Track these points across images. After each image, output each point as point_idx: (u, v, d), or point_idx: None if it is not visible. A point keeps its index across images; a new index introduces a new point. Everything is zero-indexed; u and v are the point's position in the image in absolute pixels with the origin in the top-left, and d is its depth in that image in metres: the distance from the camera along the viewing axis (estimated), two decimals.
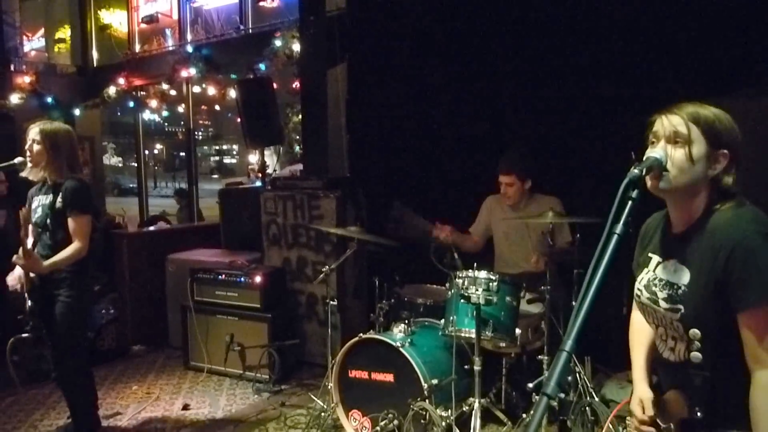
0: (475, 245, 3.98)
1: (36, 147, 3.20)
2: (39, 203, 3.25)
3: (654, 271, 1.66)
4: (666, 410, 1.69)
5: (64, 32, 10.19)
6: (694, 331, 1.53)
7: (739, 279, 1.44)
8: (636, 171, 1.45)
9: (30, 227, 3.25)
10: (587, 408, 3.16)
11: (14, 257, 3.09)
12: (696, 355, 1.54)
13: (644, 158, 1.53)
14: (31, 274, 3.15)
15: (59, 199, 3.17)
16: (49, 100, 8.51)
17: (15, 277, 3.29)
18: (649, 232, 1.75)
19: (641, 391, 1.73)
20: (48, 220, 3.19)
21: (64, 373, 3.29)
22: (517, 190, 3.75)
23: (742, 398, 1.48)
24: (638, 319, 1.82)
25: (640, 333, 1.82)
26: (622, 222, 1.39)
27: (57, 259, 3.11)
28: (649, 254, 1.70)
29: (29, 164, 3.24)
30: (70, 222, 3.17)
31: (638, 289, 1.70)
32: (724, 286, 1.46)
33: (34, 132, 3.21)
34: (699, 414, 1.56)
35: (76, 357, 3.30)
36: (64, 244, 3.17)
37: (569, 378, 3.23)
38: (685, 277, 1.55)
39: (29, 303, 3.19)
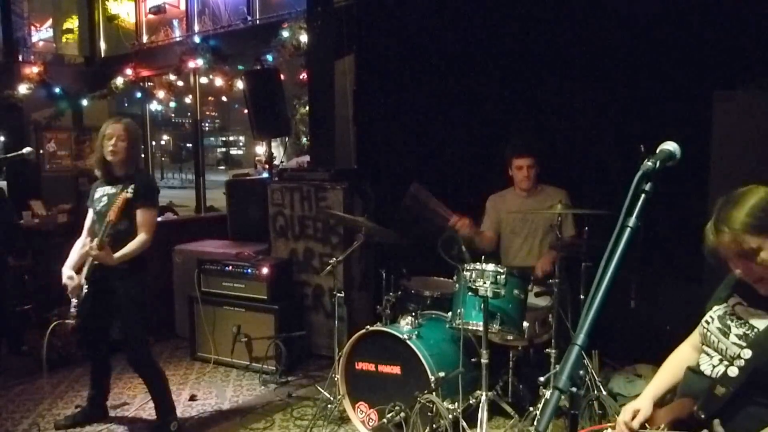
0: (489, 243, 3.94)
1: (121, 144, 3.27)
2: (104, 193, 3.33)
3: (733, 308, 1.76)
4: (665, 413, 1.76)
5: (72, 23, 10.19)
6: (747, 351, 1.61)
7: None
8: (649, 164, 1.44)
9: (89, 216, 3.35)
10: (595, 402, 3.15)
11: (87, 247, 3.15)
12: (733, 370, 1.62)
13: (657, 151, 1.52)
14: (95, 261, 3.19)
15: (129, 190, 3.22)
16: (57, 90, 8.52)
17: (70, 272, 3.30)
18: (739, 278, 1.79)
19: (643, 404, 1.80)
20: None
21: (138, 363, 3.40)
22: (535, 172, 3.77)
23: (746, 423, 1.57)
24: (684, 349, 1.92)
25: (679, 360, 1.90)
26: (635, 215, 1.38)
27: (126, 251, 3.19)
28: (734, 293, 1.79)
29: (110, 158, 3.29)
30: (140, 214, 3.24)
31: (710, 317, 1.79)
32: None
33: (118, 128, 3.28)
34: (702, 416, 1.63)
35: (144, 346, 3.40)
36: (124, 235, 3.22)
37: (581, 372, 3.21)
38: (761, 323, 1.65)
39: (85, 288, 3.24)
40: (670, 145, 1.50)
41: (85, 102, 8.73)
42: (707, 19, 3.60)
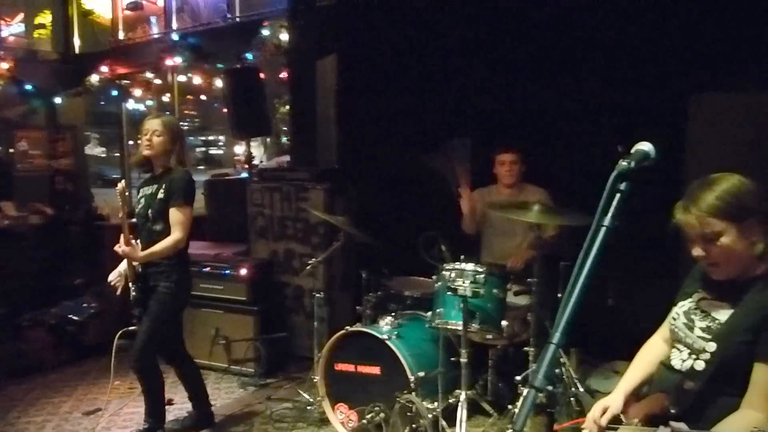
0: (471, 227, 3.97)
1: (156, 139, 3.21)
2: (143, 194, 3.28)
3: (698, 302, 1.78)
4: (640, 407, 1.77)
5: (45, 17, 9.98)
6: (711, 344, 1.63)
7: None
8: (625, 163, 1.46)
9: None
10: (573, 399, 3.18)
11: (116, 246, 3.10)
12: (700, 364, 1.65)
13: (633, 151, 1.54)
14: (134, 263, 3.16)
15: (162, 189, 3.18)
16: (30, 87, 8.36)
17: (116, 273, 3.29)
18: (703, 272, 1.82)
19: (614, 401, 1.82)
20: (149, 211, 3.19)
21: (143, 360, 3.26)
22: (519, 168, 3.81)
23: (716, 415, 1.60)
24: (654, 342, 1.95)
25: (649, 353, 1.94)
26: (610, 214, 1.39)
27: (154, 249, 3.12)
28: (698, 288, 1.81)
29: (146, 153, 3.24)
30: (172, 212, 3.16)
31: (677, 313, 1.82)
32: (757, 334, 1.58)
33: (154, 123, 3.22)
34: (673, 411, 1.65)
35: (153, 349, 3.28)
36: (161, 236, 3.16)
37: (557, 370, 3.24)
38: (724, 315, 1.68)
39: (133, 292, 3.19)
40: (646, 146, 1.53)
41: (59, 100, 8.57)
42: (684, 25, 3.66)
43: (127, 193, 3.12)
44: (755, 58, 3.48)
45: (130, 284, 3.21)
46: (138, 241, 3.22)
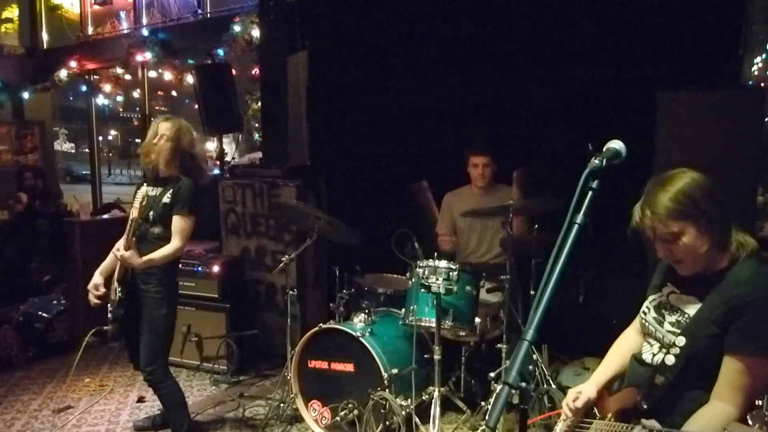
0: (455, 246, 4.01)
1: (164, 144, 3.09)
2: (144, 194, 3.15)
3: (668, 297, 1.80)
4: (613, 402, 1.80)
5: (12, 12, 9.74)
6: (680, 338, 1.66)
7: (743, 326, 1.57)
8: (596, 161, 1.47)
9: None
10: (545, 396, 3.22)
11: (113, 249, 3.00)
12: (670, 359, 1.67)
13: (604, 149, 1.55)
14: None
15: (169, 194, 3.09)
16: None
17: (94, 285, 3.13)
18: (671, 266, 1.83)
19: (587, 388, 1.85)
20: (151, 213, 3.09)
21: (155, 371, 3.14)
22: (491, 171, 3.83)
23: (687, 408, 1.63)
24: (629, 335, 1.97)
25: (623, 346, 1.95)
26: (582, 212, 1.40)
27: (154, 256, 3.01)
28: (667, 282, 1.83)
29: (153, 156, 3.11)
30: (176, 220, 3.07)
31: (647, 307, 1.84)
32: (724, 327, 1.60)
33: (164, 126, 3.11)
34: (645, 406, 1.67)
35: (162, 359, 3.17)
36: (157, 240, 3.08)
37: (530, 367, 3.27)
38: (692, 309, 1.70)
39: (119, 293, 3.05)
40: (617, 144, 1.54)
41: (26, 95, 8.39)
42: (653, 23, 3.73)
43: (144, 202, 3.01)
44: (723, 57, 3.58)
45: (116, 283, 3.07)
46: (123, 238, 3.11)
